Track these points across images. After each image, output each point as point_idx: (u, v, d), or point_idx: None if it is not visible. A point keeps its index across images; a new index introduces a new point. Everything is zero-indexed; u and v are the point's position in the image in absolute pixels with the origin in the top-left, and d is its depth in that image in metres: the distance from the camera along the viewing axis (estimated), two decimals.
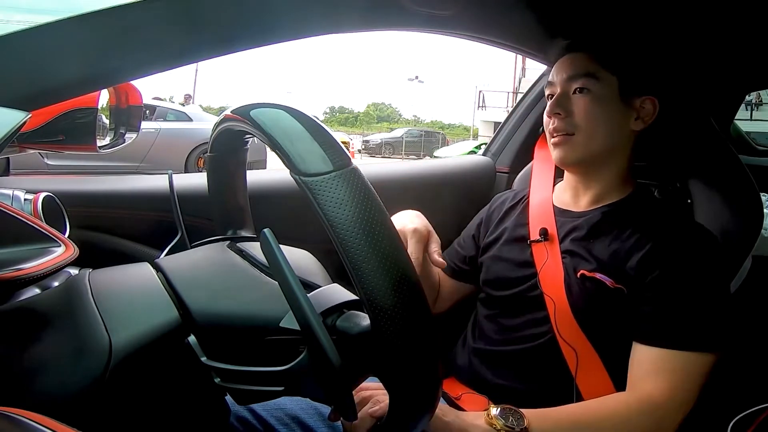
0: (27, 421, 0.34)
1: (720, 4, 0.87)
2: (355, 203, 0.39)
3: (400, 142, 23.17)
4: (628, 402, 0.72)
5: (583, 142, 0.84)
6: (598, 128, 0.83)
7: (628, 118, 0.85)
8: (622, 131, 0.85)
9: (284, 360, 0.44)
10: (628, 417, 0.70)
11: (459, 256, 1.02)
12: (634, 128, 0.85)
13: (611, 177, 0.87)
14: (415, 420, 0.42)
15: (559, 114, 0.84)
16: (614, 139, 0.85)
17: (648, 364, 0.73)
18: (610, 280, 0.78)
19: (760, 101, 7.13)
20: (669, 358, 0.72)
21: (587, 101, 0.83)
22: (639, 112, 0.85)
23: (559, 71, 0.87)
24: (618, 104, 0.84)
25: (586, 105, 0.83)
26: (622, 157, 0.87)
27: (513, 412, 0.67)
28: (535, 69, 13.98)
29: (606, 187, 0.87)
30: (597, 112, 0.83)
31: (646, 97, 0.85)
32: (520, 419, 0.67)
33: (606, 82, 0.83)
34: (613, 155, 0.86)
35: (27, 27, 0.50)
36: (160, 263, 0.54)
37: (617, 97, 0.83)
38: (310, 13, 0.69)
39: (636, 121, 0.85)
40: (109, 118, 0.90)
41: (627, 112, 0.84)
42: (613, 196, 0.87)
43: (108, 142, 0.90)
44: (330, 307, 0.45)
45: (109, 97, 0.89)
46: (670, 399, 0.70)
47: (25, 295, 0.54)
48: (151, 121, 6.54)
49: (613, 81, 0.83)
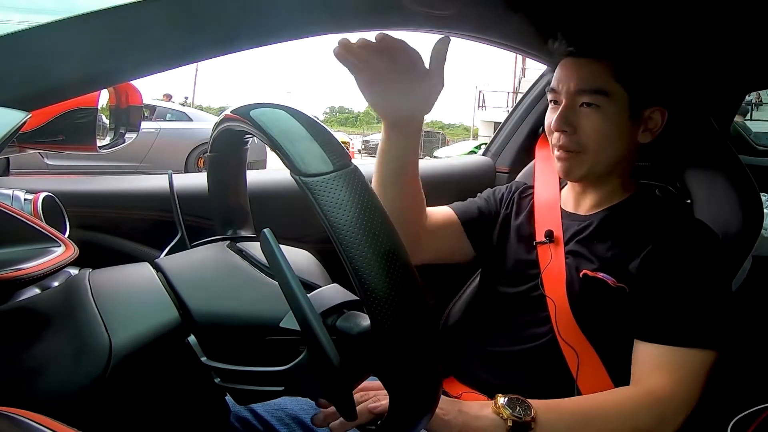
0: (27, 421, 0.34)
1: (720, 5, 0.87)
2: (355, 203, 0.39)
3: None
4: (634, 396, 0.72)
5: (591, 160, 0.81)
6: (608, 147, 0.80)
7: (636, 131, 0.83)
8: (630, 145, 0.83)
9: (284, 360, 0.44)
10: (634, 410, 0.70)
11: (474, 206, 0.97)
12: (642, 141, 0.83)
13: (615, 182, 0.87)
14: (414, 420, 0.42)
15: (566, 131, 0.81)
16: (622, 154, 0.83)
17: (651, 361, 0.73)
18: (612, 279, 0.78)
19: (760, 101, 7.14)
20: (671, 355, 0.72)
21: (597, 119, 0.79)
22: (647, 123, 0.83)
23: (565, 80, 0.81)
24: (627, 119, 0.81)
25: (596, 123, 0.79)
26: (626, 165, 0.87)
27: (521, 402, 0.67)
28: (535, 69, 13.97)
29: (609, 192, 0.87)
30: (606, 130, 0.79)
31: (655, 108, 0.82)
32: (528, 409, 0.66)
33: (617, 98, 0.79)
34: (618, 166, 0.85)
35: (27, 27, 0.50)
36: (160, 263, 0.54)
37: (627, 112, 0.80)
38: (310, 13, 0.69)
39: (644, 133, 0.83)
40: (109, 118, 0.90)
41: (636, 126, 0.82)
42: (616, 198, 0.87)
43: (108, 142, 0.90)
44: (330, 308, 0.45)
45: (109, 97, 0.89)
46: (674, 395, 0.70)
47: (25, 295, 0.54)
48: (151, 121, 6.54)
49: (624, 96, 0.79)
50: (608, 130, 0.80)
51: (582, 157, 0.81)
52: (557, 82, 0.83)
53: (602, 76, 0.79)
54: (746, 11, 0.88)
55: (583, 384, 0.77)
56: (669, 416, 0.70)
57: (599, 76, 0.79)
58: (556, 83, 0.83)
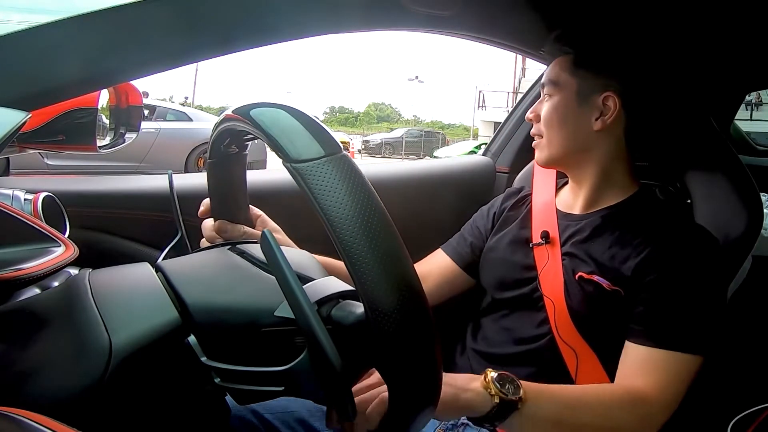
0: (27, 421, 0.34)
1: (720, 4, 0.87)
2: (346, 187, 0.39)
3: (400, 142, 23.17)
4: (619, 393, 0.72)
5: (546, 145, 0.88)
6: (554, 132, 0.86)
7: (587, 118, 0.84)
8: (582, 132, 0.85)
9: (283, 359, 0.44)
10: (619, 406, 0.70)
11: (466, 244, 1.01)
12: (596, 128, 0.84)
13: (598, 177, 0.86)
14: (416, 413, 0.42)
15: (532, 119, 0.90)
16: (577, 140, 0.85)
17: (637, 362, 0.73)
18: (607, 283, 0.78)
19: (760, 101, 7.14)
20: (657, 357, 0.72)
21: (547, 107, 0.87)
22: (602, 110, 0.84)
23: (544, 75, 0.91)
24: (574, 106, 0.85)
25: (546, 111, 0.87)
26: (599, 157, 0.86)
27: (511, 380, 0.65)
28: (535, 69, 13.95)
29: (598, 188, 0.87)
30: (552, 116, 0.86)
31: (606, 94, 0.83)
32: (517, 389, 0.65)
33: (565, 87, 0.85)
34: (586, 156, 0.86)
35: (27, 27, 0.50)
36: (161, 265, 0.54)
37: (574, 99, 0.85)
38: (310, 13, 0.70)
39: (596, 121, 0.84)
40: (109, 118, 0.90)
41: (586, 113, 0.84)
42: (614, 198, 0.87)
43: (108, 142, 0.90)
44: (325, 297, 0.45)
45: (109, 97, 0.89)
46: (656, 397, 0.71)
47: (25, 295, 0.54)
48: (151, 121, 6.54)
49: (572, 83, 0.85)
50: (553, 116, 0.86)
51: (542, 142, 0.89)
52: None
53: (556, 70, 0.87)
54: (746, 11, 0.88)
55: (582, 384, 0.77)
56: (650, 417, 0.71)
57: (555, 70, 0.88)
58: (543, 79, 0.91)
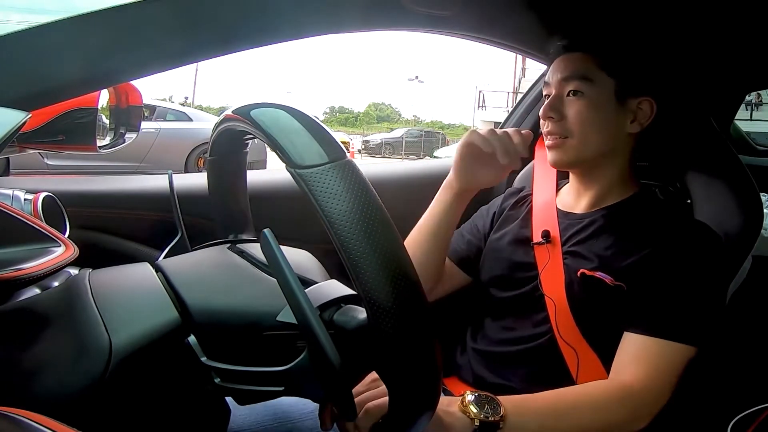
0: (27, 421, 0.34)
1: (720, 4, 0.87)
2: (350, 194, 0.39)
3: (400, 142, 23.15)
4: (608, 389, 0.72)
5: (577, 146, 0.83)
6: (591, 133, 0.82)
7: (624, 121, 0.83)
8: (617, 135, 0.84)
9: (284, 359, 0.44)
10: (607, 404, 0.70)
11: (463, 240, 1.01)
12: (630, 131, 0.84)
13: (611, 178, 0.87)
14: (415, 416, 0.42)
15: (552, 117, 0.83)
16: (609, 143, 0.84)
17: (630, 352, 0.74)
18: (609, 278, 0.78)
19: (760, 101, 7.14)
20: (649, 346, 0.73)
21: (581, 105, 0.81)
22: (636, 114, 0.83)
23: (555, 72, 0.85)
24: (613, 107, 0.82)
25: (580, 109, 0.81)
26: (620, 159, 0.86)
27: (489, 400, 0.65)
28: (535, 69, 13.94)
29: (606, 189, 0.87)
30: (591, 116, 0.81)
31: (643, 99, 0.83)
32: (497, 407, 0.64)
33: (601, 85, 0.81)
34: (610, 157, 0.85)
35: (27, 27, 0.50)
36: (160, 264, 0.54)
37: (613, 100, 0.82)
38: (310, 13, 0.70)
39: (632, 123, 0.84)
40: (109, 118, 0.90)
41: (623, 115, 0.83)
42: (615, 197, 0.87)
43: (108, 142, 0.90)
44: (327, 301, 0.45)
45: (109, 97, 0.89)
46: (648, 388, 0.71)
47: (25, 295, 0.54)
48: (151, 121, 6.54)
49: (609, 83, 0.82)
50: (593, 117, 0.81)
51: (568, 142, 0.83)
52: (549, 75, 0.87)
53: (587, 65, 0.82)
54: (746, 11, 0.88)
55: (583, 383, 0.77)
56: (641, 409, 0.71)
57: (585, 65, 0.82)
58: (548, 76, 0.87)
